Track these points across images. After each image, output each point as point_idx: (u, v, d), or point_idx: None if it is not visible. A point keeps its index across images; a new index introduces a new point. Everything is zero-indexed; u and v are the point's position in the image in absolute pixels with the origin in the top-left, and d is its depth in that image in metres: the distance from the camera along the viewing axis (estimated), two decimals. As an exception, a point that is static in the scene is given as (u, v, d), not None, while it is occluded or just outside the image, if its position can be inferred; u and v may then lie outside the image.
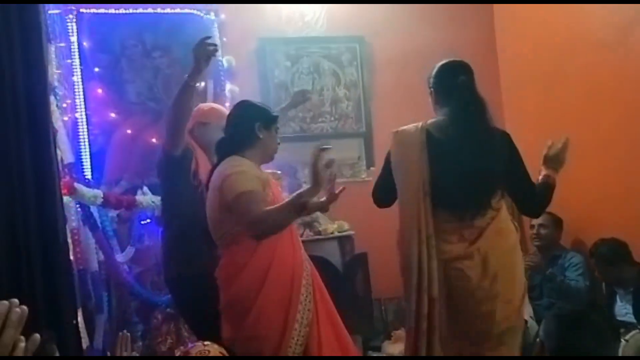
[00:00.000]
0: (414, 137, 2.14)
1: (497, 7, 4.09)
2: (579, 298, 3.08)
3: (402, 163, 2.16)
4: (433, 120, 2.19)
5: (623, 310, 2.76)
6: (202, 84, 3.51)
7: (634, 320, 2.64)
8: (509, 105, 4.02)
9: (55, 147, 2.09)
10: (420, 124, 2.18)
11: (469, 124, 2.09)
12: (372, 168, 3.83)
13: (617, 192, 3.11)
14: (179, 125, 2.35)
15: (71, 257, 2.69)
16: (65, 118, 2.94)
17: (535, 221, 3.27)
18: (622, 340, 2.42)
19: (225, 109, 2.75)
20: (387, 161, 2.23)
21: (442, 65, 2.25)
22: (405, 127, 2.21)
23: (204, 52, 2.24)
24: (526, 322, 2.74)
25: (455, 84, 2.14)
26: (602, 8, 3.10)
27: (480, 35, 4.09)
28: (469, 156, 2.04)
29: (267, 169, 2.34)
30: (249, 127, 2.07)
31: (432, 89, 2.26)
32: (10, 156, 1.90)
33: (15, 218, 1.91)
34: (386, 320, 3.62)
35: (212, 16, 3.55)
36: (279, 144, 2.17)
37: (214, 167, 2.10)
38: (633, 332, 2.45)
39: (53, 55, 2.56)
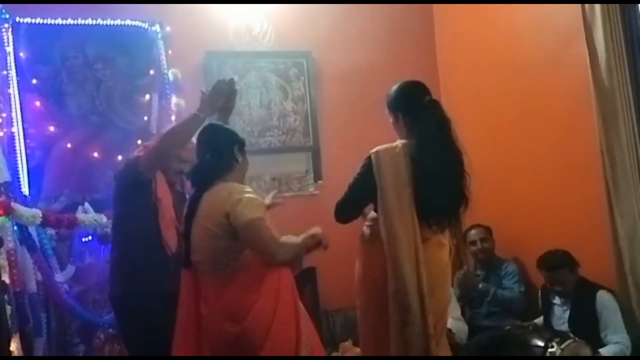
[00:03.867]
0: (400, 158, 2.18)
1: (439, 26, 4.23)
2: (515, 305, 3.23)
3: (393, 183, 2.18)
4: (406, 141, 2.22)
5: (559, 320, 2.90)
6: (147, 96, 3.45)
7: (568, 330, 2.79)
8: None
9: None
10: (397, 144, 2.23)
11: (443, 144, 2.18)
12: (319, 181, 3.86)
13: (549, 208, 3.27)
14: (170, 153, 2.32)
15: (7, 280, 2.57)
16: (1, 134, 2.80)
17: (475, 236, 3.41)
18: (559, 349, 2.55)
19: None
20: (364, 179, 2.23)
21: (403, 88, 2.30)
22: (384, 148, 2.23)
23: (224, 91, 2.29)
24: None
25: (423, 104, 2.20)
26: (534, 32, 3.27)
27: (422, 52, 4.22)
28: (445, 174, 2.16)
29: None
30: (228, 151, 2.09)
31: (397, 112, 2.28)
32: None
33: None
34: (334, 332, 3.65)
35: (157, 28, 3.48)
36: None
37: (197, 194, 2.06)
38: (568, 341, 2.58)
39: (-12, 69, 2.44)
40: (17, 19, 3.14)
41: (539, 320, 3.05)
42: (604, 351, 2.62)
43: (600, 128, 2.73)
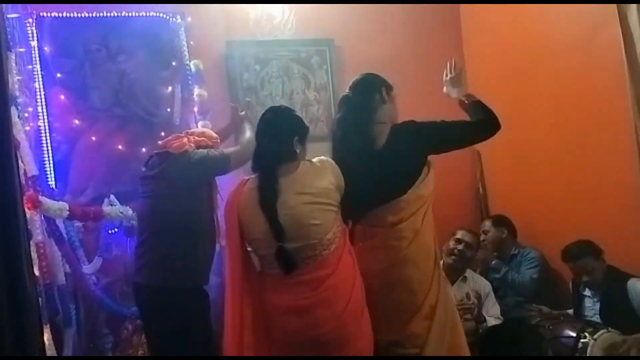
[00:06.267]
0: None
1: (464, 11, 4.14)
2: (523, 290, 3.16)
3: None
4: None
5: (591, 311, 2.84)
6: (170, 88, 3.45)
7: (600, 321, 2.72)
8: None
9: (17, 163, 2.01)
10: None
11: (347, 142, 2.15)
12: (343, 171, 3.82)
13: (581, 195, 3.18)
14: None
15: (37, 272, 2.60)
16: (27, 127, 2.83)
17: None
18: (591, 339, 2.49)
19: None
20: None
21: None
22: None
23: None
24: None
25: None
26: (567, 12, 3.16)
27: (448, 38, 4.13)
28: (353, 172, 2.07)
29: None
30: (288, 141, 1.99)
31: None
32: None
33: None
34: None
35: (178, 19, 3.47)
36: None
37: (270, 179, 1.95)
38: (601, 331, 2.52)
39: (14, 64, 2.44)
40: (41, 13, 3.17)
41: (570, 312, 2.98)
42: None
43: (636, 112, 2.63)
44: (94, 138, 3.26)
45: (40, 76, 3.12)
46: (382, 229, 2.09)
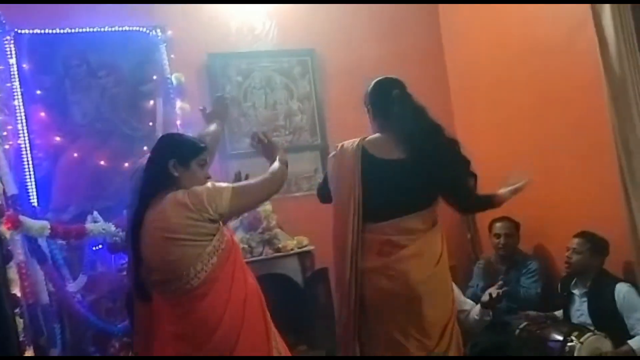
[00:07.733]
0: (350, 153, 2.18)
1: (443, 14, 4.17)
2: (529, 304, 3.13)
3: (337, 178, 2.21)
4: (371, 136, 2.24)
5: (577, 312, 2.83)
6: (152, 102, 3.44)
7: (588, 321, 2.73)
8: (459, 112, 4.10)
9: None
10: (357, 140, 2.23)
11: (410, 136, 2.13)
12: (328, 180, 3.82)
13: (564, 197, 3.20)
14: None
15: (19, 293, 2.57)
16: (7, 146, 2.80)
17: (500, 230, 3.33)
18: (578, 342, 2.50)
19: None
20: (326, 176, 2.33)
21: (375, 83, 2.30)
22: (346, 142, 2.25)
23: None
24: None
25: (389, 98, 2.19)
26: (548, 14, 3.17)
27: (428, 44, 4.16)
28: (403, 172, 2.09)
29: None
30: (162, 166, 1.91)
31: (369, 107, 2.30)
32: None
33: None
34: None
35: (158, 33, 3.46)
36: (208, 177, 1.99)
37: (140, 207, 1.90)
38: (587, 334, 2.53)
39: (-9, 82, 2.43)
40: (19, 31, 3.15)
41: (559, 313, 2.98)
42: (633, 342, 2.54)
43: (613, 115, 2.65)
44: (75, 154, 3.24)
45: (19, 93, 3.09)
46: (412, 237, 2.09)
